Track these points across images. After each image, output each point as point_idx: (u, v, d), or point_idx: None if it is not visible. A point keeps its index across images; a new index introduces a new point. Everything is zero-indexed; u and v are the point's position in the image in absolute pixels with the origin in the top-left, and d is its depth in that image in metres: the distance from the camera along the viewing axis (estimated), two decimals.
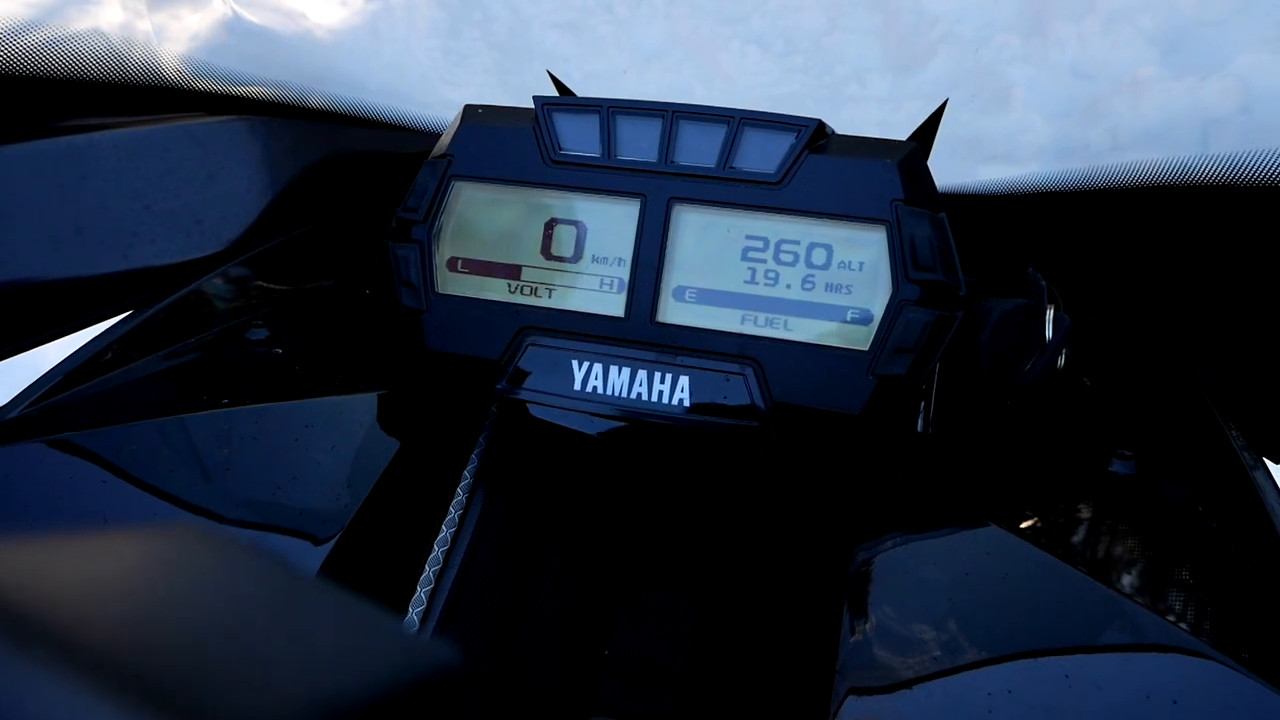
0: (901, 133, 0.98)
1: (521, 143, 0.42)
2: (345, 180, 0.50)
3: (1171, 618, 0.34)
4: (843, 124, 0.80)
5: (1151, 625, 0.33)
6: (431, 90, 0.96)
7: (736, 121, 0.41)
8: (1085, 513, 0.42)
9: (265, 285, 0.50)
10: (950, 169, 0.74)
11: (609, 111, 0.42)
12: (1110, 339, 0.53)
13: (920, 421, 0.41)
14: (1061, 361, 0.43)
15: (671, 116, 0.42)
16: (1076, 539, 0.41)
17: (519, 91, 1.03)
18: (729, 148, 0.41)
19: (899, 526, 0.40)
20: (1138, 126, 0.90)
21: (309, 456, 0.42)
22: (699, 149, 0.41)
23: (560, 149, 0.42)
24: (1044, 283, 0.43)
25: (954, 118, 1.09)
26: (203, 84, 0.63)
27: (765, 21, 1.19)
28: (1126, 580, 0.37)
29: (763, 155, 0.40)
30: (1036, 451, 0.45)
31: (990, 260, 0.55)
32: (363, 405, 0.45)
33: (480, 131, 0.43)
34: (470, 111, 0.43)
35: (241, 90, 0.64)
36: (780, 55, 1.15)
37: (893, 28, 1.26)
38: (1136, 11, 1.29)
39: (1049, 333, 0.42)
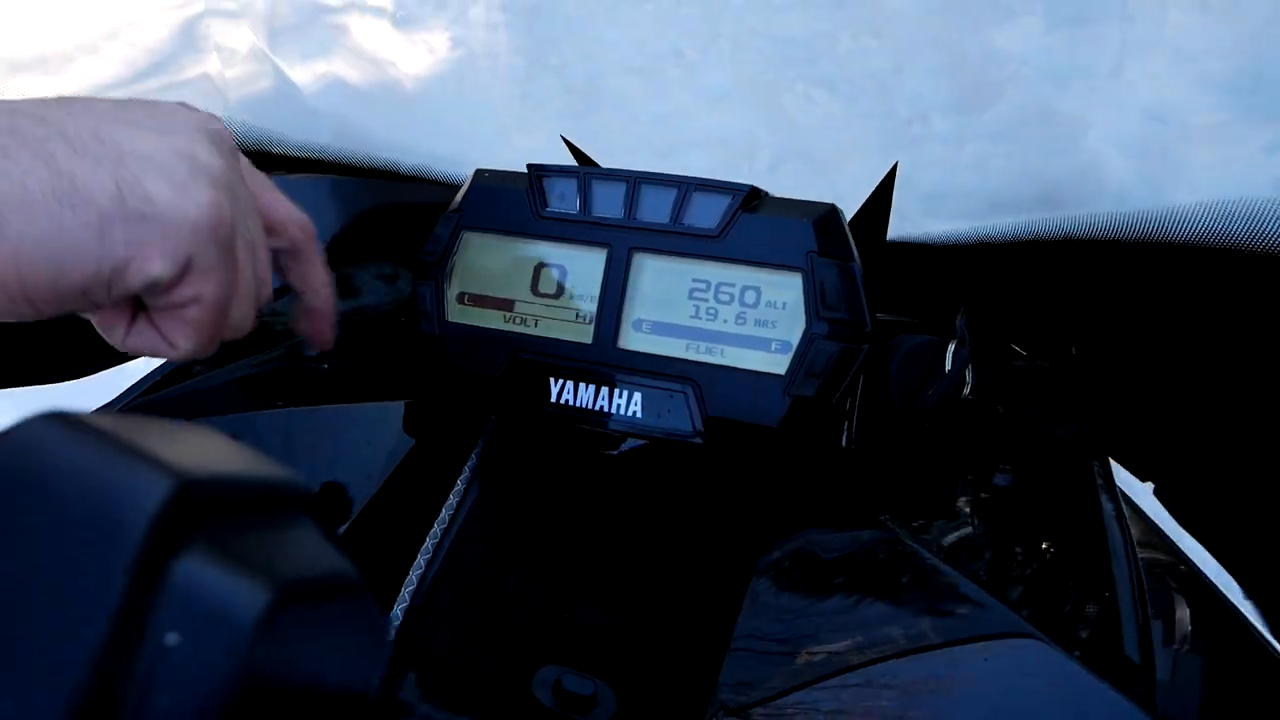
0: (962, 171, 1.01)
1: (517, 200, 0.52)
2: (393, 226, 0.58)
3: (1010, 605, 0.41)
4: (904, 165, 0.83)
5: (995, 610, 0.40)
6: (505, 138, 1.02)
7: (685, 186, 0.49)
8: (959, 515, 0.51)
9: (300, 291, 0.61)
10: (1009, 206, 0.77)
11: (585, 177, 0.51)
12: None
13: (844, 438, 0.49)
14: (967, 390, 0.51)
15: (635, 182, 0.50)
16: (947, 537, 0.49)
17: (590, 135, 1.08)
18: (679, 207, 0.50)
19: (807, 524, 0.49)
20: (1209, 172, 0.91)
21: (340, 450, 0.54)
22: (656, 208, 0.51)
23: (547, 206, 0.52)
24: (961, 323, 0.49)
25: (1021, 158, 1.11)
26: (279, 151, 0.72)
27: (833, 64, 1.23)
28: (980, 570, 0.44)
29: (706, 213, 0.49)
30: (937, 464, 0.53)
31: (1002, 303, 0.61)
32: (389, 411, 0.55)
33: (485, 190, 0.53)
34: (479, 174, 0.53)
35: (314, 157, 0.72)
36: (847, 98, 1.19)
37: (959, 68, 1.29)
38: (1208, 54, 1.28)
39: (948, 365, 0.50)
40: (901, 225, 0.68)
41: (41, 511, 0.16)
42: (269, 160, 0.70)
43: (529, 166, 0.51)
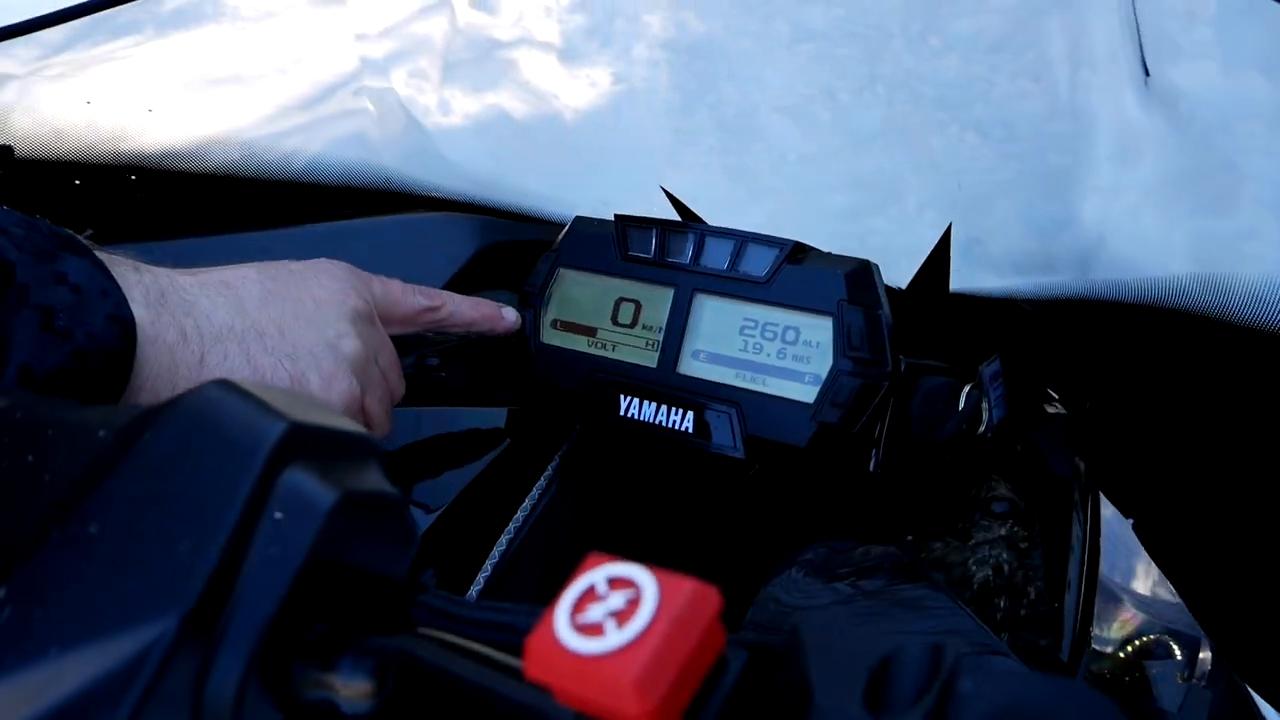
0: (1117, 222, 0.99)
1: (605, 244, 0.62)
2: (511, 260, 0.67)
3: (979, 608, 0.49)
4: (1053, 213, 0.83)
5: (967, 623, 0.47)
6: (656, 172, 1.06)
7: (741, 239, 0.57)
8: (959, 532, 0.60)
9: (444, 332, 0.69)
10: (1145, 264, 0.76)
11: (660, 229, 0.60)
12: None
13: (872, 463, 0.56)
14: (983, 428, 0.58)
15: (700, 234, 0.59)
16: (948, 548, 0.59)
17: (738, 172, 1.12)
18: (736, 256, 0.57)
19: (832, 533, 0.56)
20: None
21: (443, 447, 0.65)
22: (716, 256, 0.58)
23: (628, 250, 0.61)
24: (985, 369, 0.53)
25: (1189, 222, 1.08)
26: (423, 194, 0.81)
27: (988, 108, 1.22)
28: (964, 575, 0.51)
29: (758, 263, 0.57)
30: (948, 490, 0.62)
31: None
32: (492, 416, 0.67)
33: (580, 235, 0.63)
34: (577, 220, 0.64)
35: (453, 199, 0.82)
36: (999, 141, 1.18)
37: (1122, 112, 1.26)
38: None
39: (961, 404, 0.57)
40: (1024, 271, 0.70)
41: (208, 439, 0.25)
42: (416, 202, 0.80)
43: (616, 216, 0.61)
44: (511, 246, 0.77)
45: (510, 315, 0.61)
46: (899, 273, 0.72)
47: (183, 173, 0.78)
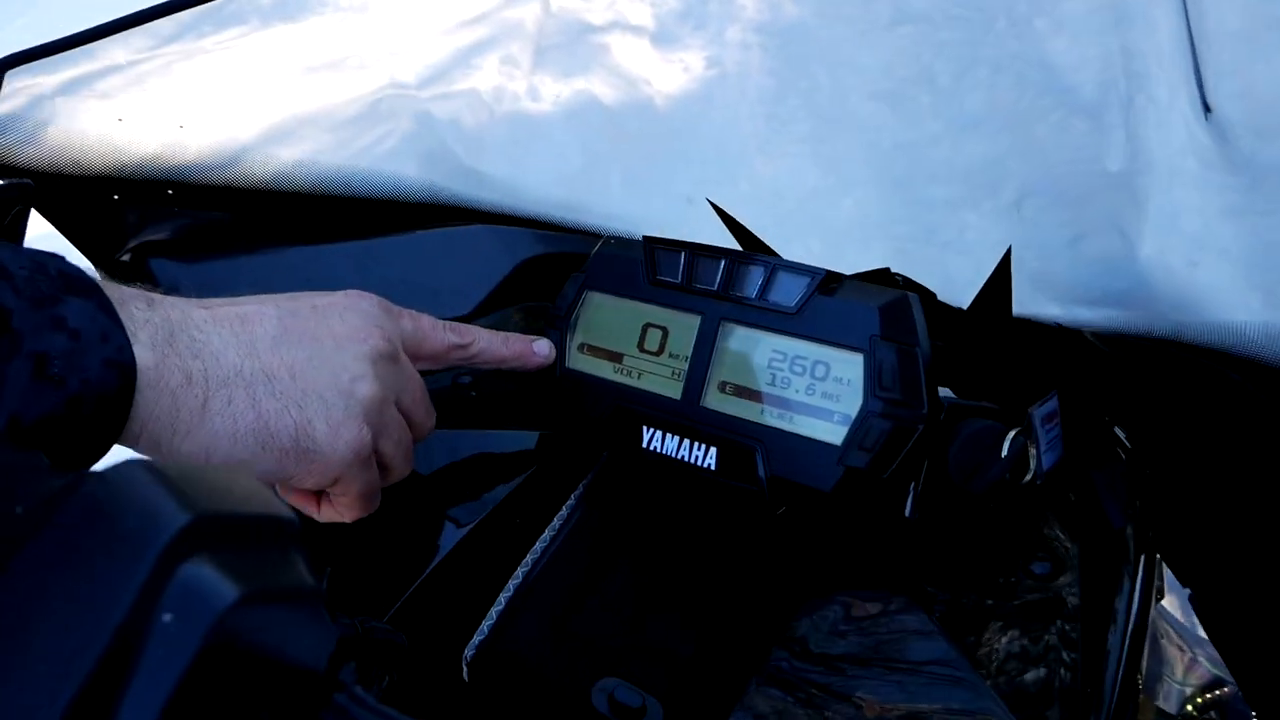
0: (1208, 220, 0.94)
1: (634, 267, 0.59)
2: (548, 273, 0.66)
3: (1002, 687, 0.45)
4: (1154, 209, 0.79)
5: (983, 696, 0.44)
6: (746, 161, 1.05)
7: (771, 266, 0.54)
8: (993, 593, 0.56)
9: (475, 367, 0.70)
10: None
11: (689, 253, 0.57)
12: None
13: (908, 508, 0.52)
14: (1030, 476, 0.53)
15: (730, 258, 0.56)
16: (976, 611, 0.55)
17: (830, 161, 1.09)
18: (766, 284, 0.54)
19: (854, 582, 0.54)
20: None
21: (472, 469, 0.65)
22: (746, 283, 0.55)
23: (657, 274, 0.58)
24: (1035, 412, 0.50)
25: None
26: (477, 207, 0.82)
27: (1095, 92, 1.17)
28: (992, 647, 0.47)
29: (787, 292, 0.54)
30: (987, 544, 0.58)
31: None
32: (519, 439, 0.67)
33: (608, 257, 0.61)
34: (605, 242, 0.62)
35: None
36: (1109, 128, 1.13)
37: (1253, 94, 1.19)
38: None
39: (1004, 451, 0.53)
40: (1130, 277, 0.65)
41: (106, 528, 0.24)
42: (453, 214, 0.80)
43: (645, 239, 0.59)
44: (553, 259, 0.77)
45: (542, 350, 0.61)
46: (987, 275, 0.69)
47: (226, 187, 0.79)
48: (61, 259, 0.40)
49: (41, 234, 0.71)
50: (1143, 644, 0.53)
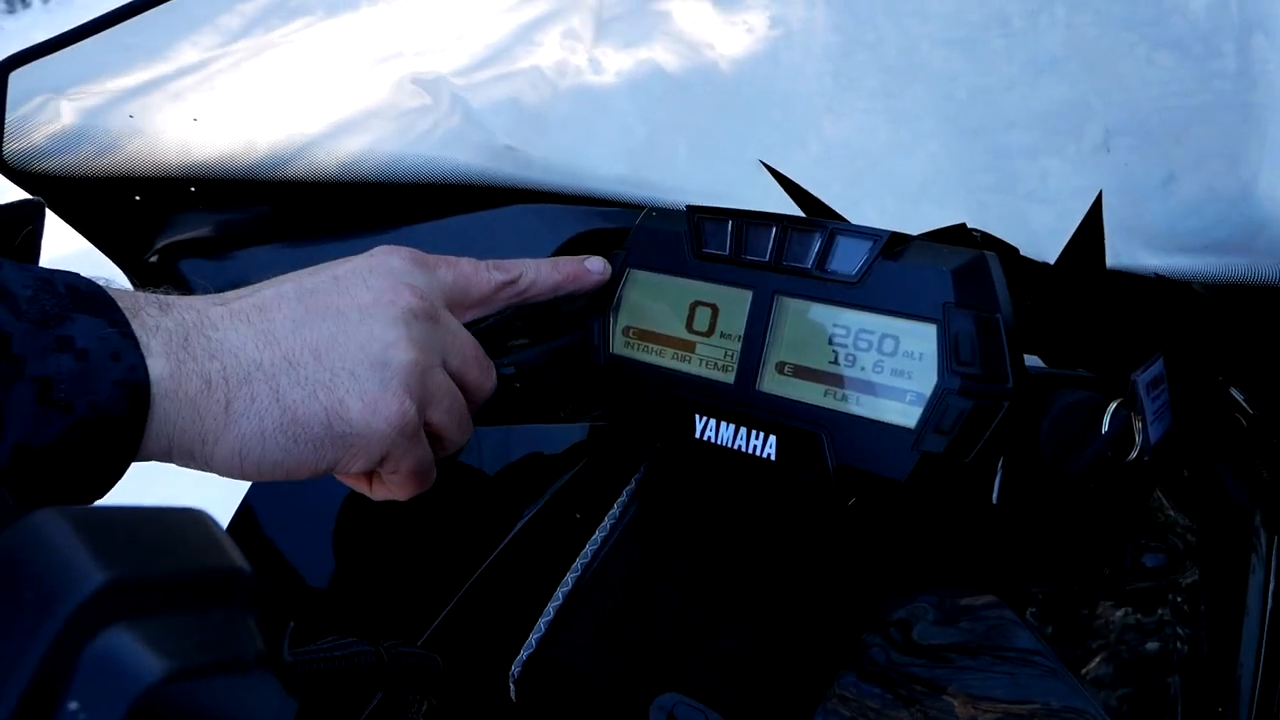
0: None
1: (677, 241, 0.55)
2: (594, 250, 0.64)
3: (1105, 702, 0.40)
4: (1264, 146, 0.74)
5: (1083, 707, 0.40)
6: (814, 121, 1.02)
7: (828, 231, 0.49)
8: (1097, 592, 0.51)
9: (518, 338, 0.68)
10: None
11: (738, 221, 0.53)
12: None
13: (994, 495, 0.47)
14: (1135, 452, 0.47)
15: (783, 225, 0.51)
16: (1075, 614, 0.50)
17: (901, 115, 1.06)
18: (824, 252, 0.49)
19: (937, 578, 0.49)
20: None
21: (519, 468, 0.62)
22: (801, 251, 0.50)
23: (704, 247, 0.54)
24: (1139, 377, 0.44)
25: None
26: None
27: (1185, 23, 1.11)
28: (1095, 658, 0.42)
29: (847, 259, 0.49)
30: (1087, 532, 0.48)
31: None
32: (568, 432, 0.64)
33: (649, 231, 0.57)
34: (647, 214, 0.57)
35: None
36: (1199, 59, 1.07)
37: None
38: None
39: (1105, 426, 0.47)
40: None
41: (5, 595, 0.20)
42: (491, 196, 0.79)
43: (688, 208, 0.54)
44: (599, 235, 0.73)
45: (596, 266, 0.55)
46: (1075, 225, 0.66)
47: (254, 182, 0.78)
48: (73, 275, 0.39)
49: (78, 250, 0.72)
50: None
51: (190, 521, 0.24)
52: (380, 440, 0.43)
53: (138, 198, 0.74)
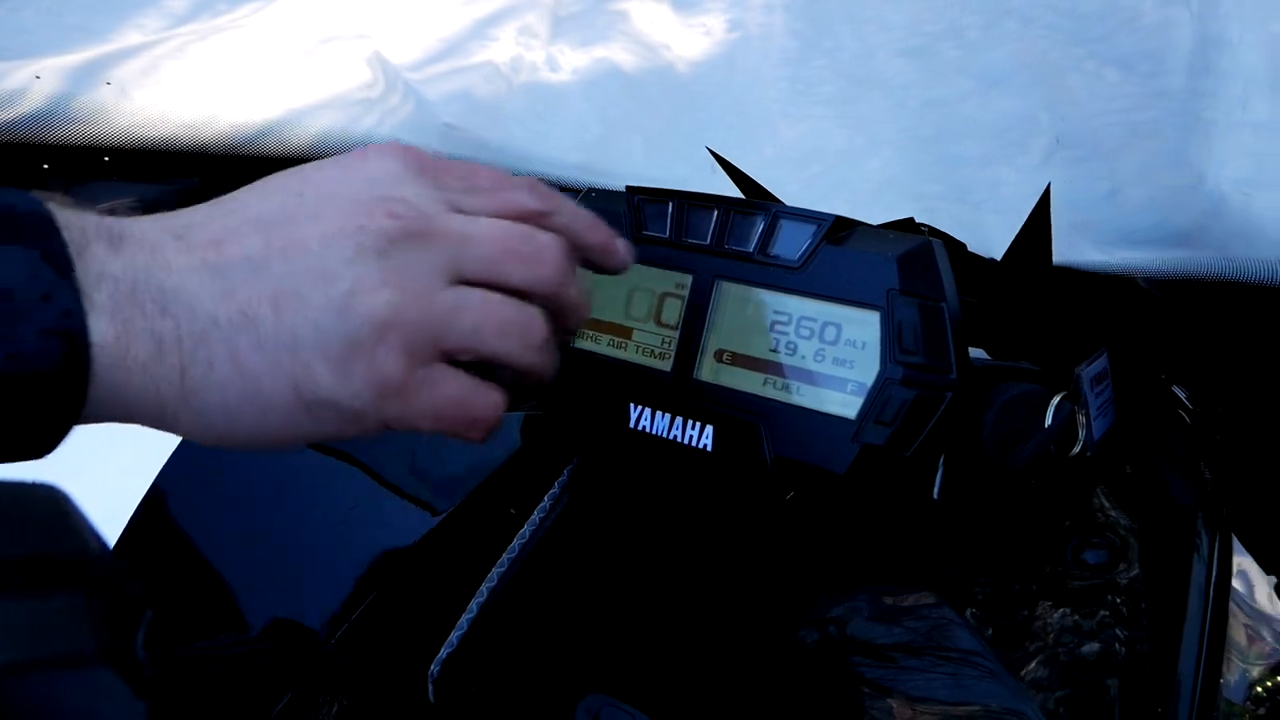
0: (1269, 167, 0.91)
1: (616, 223, 0.51)
2: None
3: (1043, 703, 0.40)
4: (1210, 152, 0.75)
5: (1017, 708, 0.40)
6: (770, 124, 1.02)
7: (772, 213, 0.48)
8: (1037, 590, 0.50)
9: None
10: None
11: (678, 202, 0.50)
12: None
13: (936, 490, 0.45)
14: (1078, 447, 0.45)
15: (724, 207, 0.49)
16: (1009, 624, 0.48)
17: (856, 122, 1.07)
18: (766, 236, 0.48)
19: (868, 582, 0.47)
20: None
21: (445, 456, 0.59)
22: (743, 236, 0.49)
23: (644, 230, 0.52)
24: (1083, 371, 0.44)
25: None
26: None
27: (1132, 40, 1.13)
28: (1035, 659, 0.42)
29: (790, 243, 0.47)
30: (1029, 529, 0.48)
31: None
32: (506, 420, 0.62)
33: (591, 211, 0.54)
34: (585, 195, 0.54)
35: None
36: (1145, 76, 1.09)
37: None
38: None
39: (1048, 420, 0.46)
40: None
41: None
42: None
43: (628, 189, 0.52)
44: None
45: (622, 250, 0.45)
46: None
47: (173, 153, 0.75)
48: (11, 193, 0.32)
49: None
50: (1223, 637, 0.47)
51: (42, 499, 0.22)
52: (362, 407, 0.36)
53: (46, 166, 0.71)
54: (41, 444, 0.32)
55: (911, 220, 0.55)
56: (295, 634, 0.39)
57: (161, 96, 0.86)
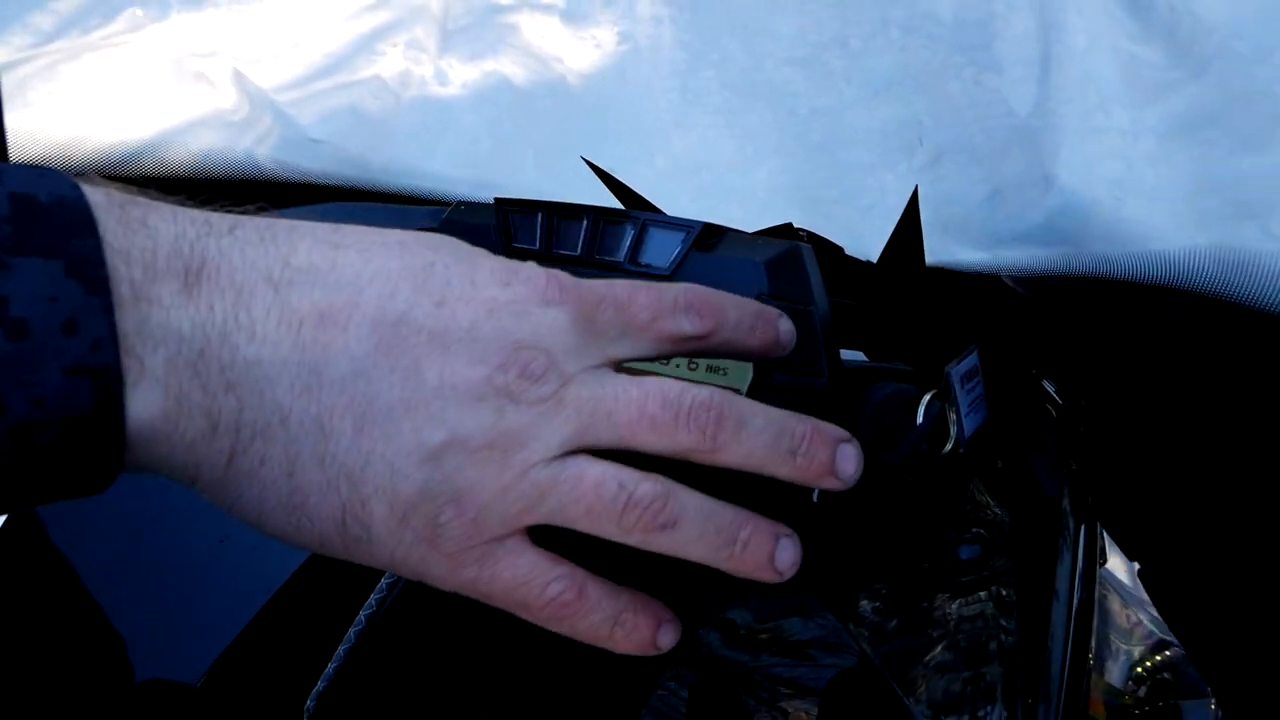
0: (1137, 169, 0.95)
1: (486, 236, 0.51)
2: None
3: (915, 701, 0.41)
4: (1082, 159, 0.78)
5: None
6: (662, 136, 1.03)
7: (640, 222, 0.47)
8: (914, 588, 0.50)
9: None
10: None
11: (546, 214, 0.50)
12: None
13: (815, 492, 0.44)
14: (950, 444, 0.46)
15: (594, 217, 0.49)
16: (891, 612, 0.49)
17: (746, 132, 1.08)
18: (636, 245, 0.47)
19: (749, 589, 0.47)
20: None
21: None
22: (613, 245, 0.48)
23: (514, 242, 0.50)
24: (952, 370, 0.45)
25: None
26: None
27: (1007, 47, 1.17)
28: (914, 655, 0.43)
29: (659, 252, 0.47)
30: (903, 527, 0.49)
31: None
32: None
33: (457, 226, 0.53)
34: (454, 208, 0.53)
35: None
36: (1017, 81, 1.13)
37: (1153, 40, 1.20)
38: None
39: (919, 418, 0.46)
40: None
41: None
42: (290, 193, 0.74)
43: (496, 201, 0.51)
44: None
45: (787, 330, 0.40)
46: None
47: None
48: (51, 175, 0.26)
49: None
50: (1090, 622, 0.48)
51: None
52: (403, 560, 0.32)
53: None
54: (90, 485, 0.28)
55: (790, 226, 0.55)
56: (156, 673, 0.37)
57: (30, 117, 0.83)
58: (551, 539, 0.35)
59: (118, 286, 0.26)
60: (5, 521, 0.53)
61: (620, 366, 0.36)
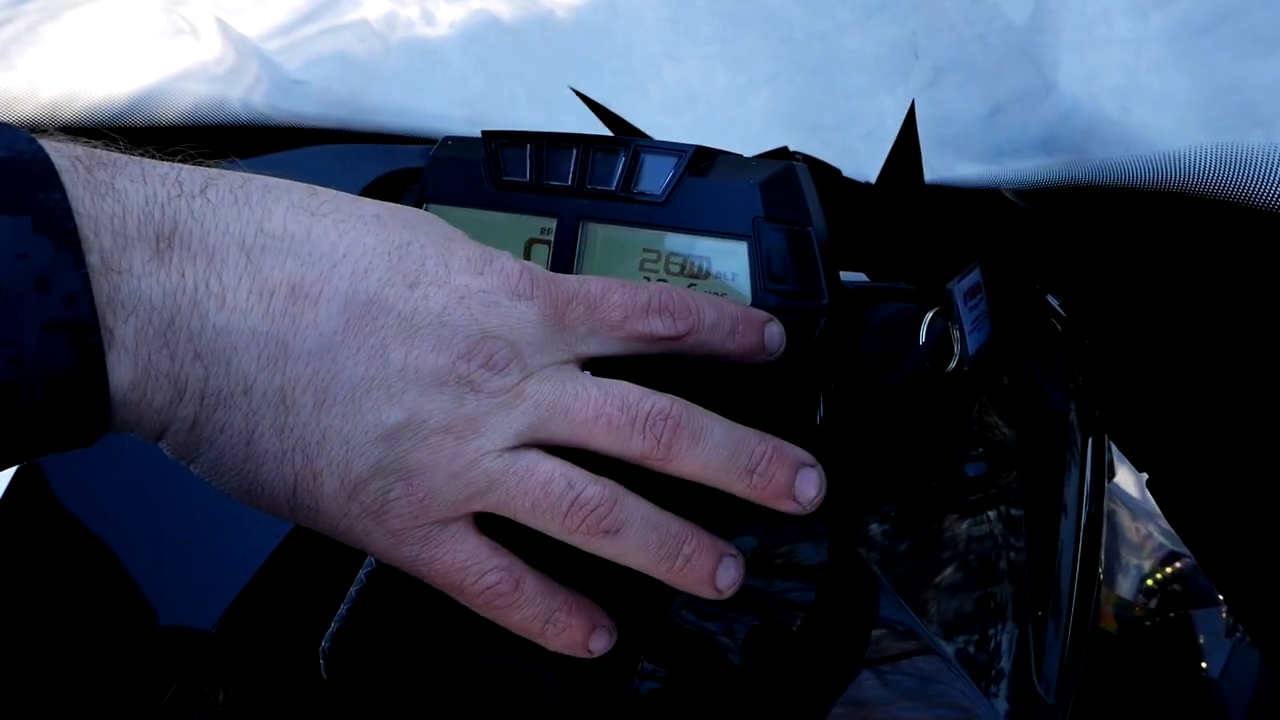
0: (1140, 78, 0.93)
1: (475, 170, 0.50)
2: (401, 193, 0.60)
3: (927, 622, 0.41)
4: (1083, 68, 0.77)
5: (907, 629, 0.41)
6: (655, 68, 1.01)
7: (632, 148, 0.47)
8: (920, 507, 0.50)
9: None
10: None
11: (536, 144, 0.49)
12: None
13: (818, 416, 0.45)
14: (954, 363, 0.46)
15: (584, 146, 0.48)
16: (898, 531, 0.48)
17: (739, 60, 1.06)
18: (628, 172, 0.47)
19: (755, 519, 0.47)
20: None
21: None
22: (604, 174, 0.48)
23: (503, 175, 0.50)
24: (954, 287, 0.45)
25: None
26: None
27: None
28: (921, 574, 0.43)
29: (653, 178, 0.46)
30: (910, 446, 0.49)
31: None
32: None
33: (446, 161, 0.52)
34: (442, 144, 0.52)
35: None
36: None
37: None
38: None
39: (922, 336, 0.46)
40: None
41: None
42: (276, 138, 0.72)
43: (484, 134, 0.50)
44: (408, 174, 0.69)
45: (775, 338, 0.41)
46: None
47: None
48: (12, 131, 0.26)
49: None
50: (1100, 535, 0.48)
51: None
52: (347, 530, 0.33)
53: None
54: (77, 441, 0.29)
55: (785, 149, 0.55)
56: (171, 620, 0.37)
57: (16, 79, 0.82)
58: (509, 532, 0.35)
59: (87, 255, 0.26)
60: (14, 475, 0.53)
61: (586, 364, 0.37)
